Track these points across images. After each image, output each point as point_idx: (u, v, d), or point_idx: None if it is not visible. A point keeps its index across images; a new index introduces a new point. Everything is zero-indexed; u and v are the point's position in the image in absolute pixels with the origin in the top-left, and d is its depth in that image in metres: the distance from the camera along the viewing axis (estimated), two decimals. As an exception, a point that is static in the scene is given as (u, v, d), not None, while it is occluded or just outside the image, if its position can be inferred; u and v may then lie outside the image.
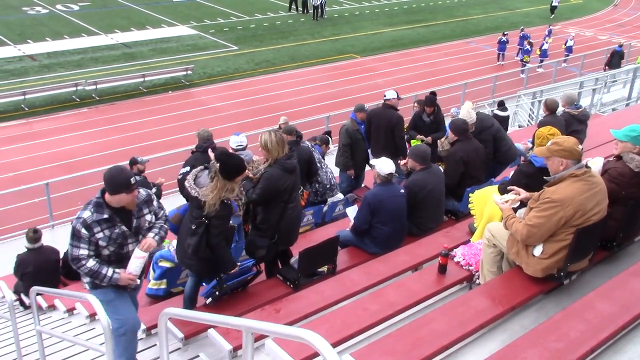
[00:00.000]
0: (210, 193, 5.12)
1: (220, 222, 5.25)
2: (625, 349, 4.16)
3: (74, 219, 4.59)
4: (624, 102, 17.56)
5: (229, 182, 5.16)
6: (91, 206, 4.59)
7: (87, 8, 33.63)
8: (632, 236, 5.49)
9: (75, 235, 4.54)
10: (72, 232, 4.54)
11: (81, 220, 4.52)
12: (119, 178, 4.64)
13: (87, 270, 4.62)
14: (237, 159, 5.41)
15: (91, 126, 18.88)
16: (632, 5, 40.39)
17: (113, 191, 4.59)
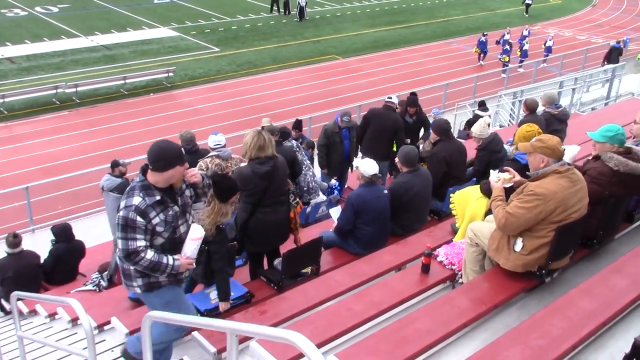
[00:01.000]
0: (207, 218, 4.99)
1: (220, 246, 5.18)
2: (607, 345, 4.21)
3: (120, 211, 4.07)
4: (603, 102, 17.78)
5: (224, 206, 5.05)
6: (137, 190, 4.08)
7: (66, 10, 33.31)
8: (612, 234, 5.56)
9: (128, 227, 4.03)
10: (124, 224, 4.03)
11: (133, 208, 4.01)
12: (171, 150, 4.15)
13: (147, 263, 4.14)
14: (232, 180, 5.32)
15: (72, 129, 18.71)
16: (610, 6, 40.87)
17: (166, 166, 4.08)
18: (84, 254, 8.68)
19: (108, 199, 8.94)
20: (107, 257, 8.80)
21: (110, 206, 8.95)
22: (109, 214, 9.13)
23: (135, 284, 4.37)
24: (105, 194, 8.95)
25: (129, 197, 4.07)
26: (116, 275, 7.62)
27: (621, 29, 33.86)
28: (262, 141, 5.78)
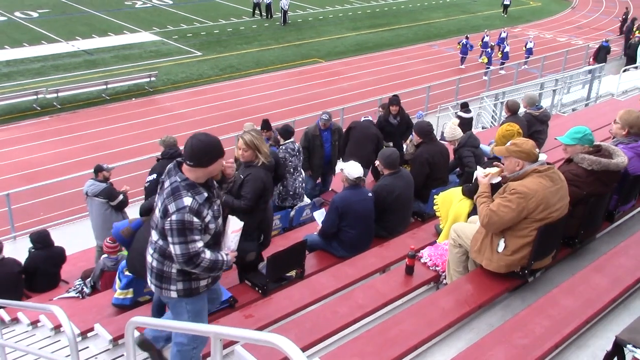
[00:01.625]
0: None
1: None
2: (589, 343, 4.25)
3: (173, 215, 3.83)
4: (583, 103, 17.95)
5: None
6: (184, 191, 3.88)
7: (46, 15, 33.04)
8: (593, 232, 5.62)
9: (186, 229, 3.83)
10: (181, 227, 3.82)
11: (187, 210, 3.81)
12: (215, 143, 3.97)
13: (207, 263, 3.95)
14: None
15: (53, 135, 18.55)
16: (589, 8, 41.36)
17: (211, 161, 3.92)
18: (65, 260, 8.59)
19: (93, 204, 8.84)
20: (90, 264, 8.73)
21: (95, 212, 8.86)
22: (93, 220, 9.03)
23: (173, 287, 4.14)
24: (89, 200, 8.85)
25: (178, 199, 3.85)
26: (100, 282, 7.56)
27: (600, 31, 34.27)
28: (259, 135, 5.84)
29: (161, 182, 4.05)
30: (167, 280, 4.13)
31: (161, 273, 4.13)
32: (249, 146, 5.70)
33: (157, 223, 4.01)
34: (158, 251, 4.08)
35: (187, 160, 3.92)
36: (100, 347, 5.74)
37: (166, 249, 4.00)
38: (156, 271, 4.15)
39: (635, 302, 4.68)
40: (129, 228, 5.94)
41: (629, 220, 6.16)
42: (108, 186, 8.75)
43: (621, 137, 5.55)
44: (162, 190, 3.98)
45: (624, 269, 4.82)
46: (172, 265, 4.07)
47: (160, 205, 3.96)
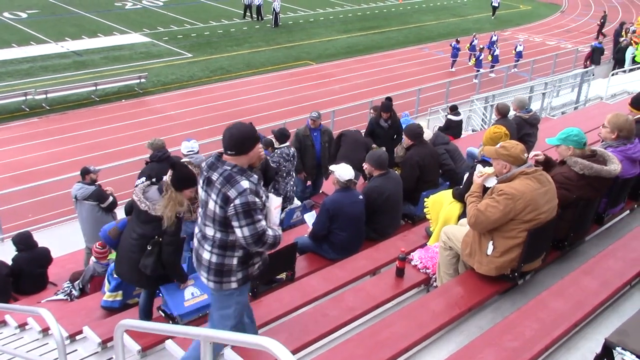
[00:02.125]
0: (165, 207, 5.03)
1: (175, 239, 5.20)
2: (578, 345, 4.27)
3: (236, 199, 3.88)
4: (572, 106, 18.06)
5: (179, 194, 5.08)
6: (239, 176, 3.95)
7: (35, 16, 32.85)
8: (583, 235, 5.64)
9: (251, 210, 3.90)
10: (247, 209, 3.89)
11: (248, 191, 3.90)
12: (251, 130, 4.10)
13: (272, 239, 4.06)
14: (191, 170, 5.37)
15: (42, 136, 18.42)
16: (578, 12, 41.63)
17: (250, 147, 4.03)
18: (50, 261, 8.52)
19: (82, 208, 8.75)
20: (79, 266, 8.68)
21: (85, 215, 8.78)
22: (83, 223, 8.96)
23: (234, 278, 4.19)
24: (78, 204, 8.77)
25: (236, 184, 3.93)
26: (89, 285, 7.51)
27: (590, 34, 34.53)
28: None
29: (205, 178, 4.08)
30: (228, 273, 4.17)
31: (221, 267, 4.16)
32: None
33: (215, 216, 4.03)
34: (218, 245, 4.11)
35: (228, 151, 4.01)
36: (89, 350, 5.71)
37: (227, 239, 4.06)
38: (215, 267, 4.16)
39: (624, 304, 4.71)
40: (116, 228, 5.92)
41: (617, 223, 6.20)
42: (97, 188, 8.69)
43: (610, 140, 5.57)
44: (211, 183, 4.02)
45: (612, 271, 4.84)
46: (233, 255, 4.13)
47: (214, 197, 3.99)
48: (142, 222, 5.23)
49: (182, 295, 5.46)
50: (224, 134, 4.03)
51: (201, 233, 4.20)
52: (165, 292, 5.43)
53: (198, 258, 4.25)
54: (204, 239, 4.17)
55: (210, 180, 4.04)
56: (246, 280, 4.26)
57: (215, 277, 4.17)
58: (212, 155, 4.14)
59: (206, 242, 4.16)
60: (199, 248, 4.22)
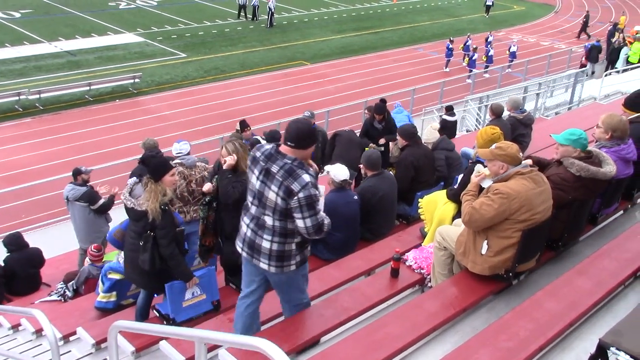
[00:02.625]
0: (147, 200, 5.08)
1: (166, 231, 5.19)
2: (573, 345, 4.28)
3: (300, 192, 4.06)
4: (566, 106, 18.11)
5: (159, 185, 5.13)
6: (300, 169, 4.14)
7: (29, 15, 32.73)
8: (577, 236, 5.65)
9: (314, 202, 4.13)
10: (311, 202, 4.10)
11: (311, 185, 4.10)
12: (314, 131, 4.42)
13: (326, 227, 4.34)
14: (162, 158, 5.44)
15: (35, 136, 18.36)
16: (572, 12, 41.76)
17: (309, 145, 4.25)
18: (42, 261, 8.49)
19: (74, 208, 8.73)
20: (73, 267, 8.66)
21: (78, 216, 8.75)
22: (76, 224, 8.92)
23: (293, 261, 4.44)
24: (70, 204, 8.74)
25: (299, 177, 4.10)
26: (83, 286, 7.49)
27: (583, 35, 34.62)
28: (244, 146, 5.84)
29: (263, 169, 4.23)
30: (288, 257, 4.40)
31: (282, 253, 4.38)
32: (230, 155, 5.69)
33: (276, 206, 4.20)
34: (278, 233, 4.31)
35: (289, 142, 4.19)
36: (83, 351, 5.69)
37: (286, 227, 4.27)
38: (276, 253, 4.36)
39: (619, 304, 4.72)
40: (120, 230, 5.88)
41: (611, 223, 6.22)
42: (88, 189, 8.66)
43: (604, 140, 5.58)
44: (270, 174, 4.18)
45: (607, 271, 4.85)
46: (293, 241, 4.36)
47: (275, 189, 4.16)
48: (134, 220, 5.26)
49: (182, 296, 5.45)
50: (289, 125, 4.24)
51: (256, 222, 4.37)
52: (169, 291, 5.38)
53: (254, 247, 4.41)
54: (262, 228, 4.34)
55: (269, 172, 4.19)
56: (303, 261, 4.54)
57: (277, 262, 4.39)
58: (270, 147, 4.31)
59: (265, 232, 4.34)
60: (255, 237, 4.39)
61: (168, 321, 5.44)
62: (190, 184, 6.78)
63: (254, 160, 4.34)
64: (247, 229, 4.46)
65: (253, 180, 4.32)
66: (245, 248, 4.51)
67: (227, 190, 5.58)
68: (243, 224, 4.53)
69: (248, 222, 4.44)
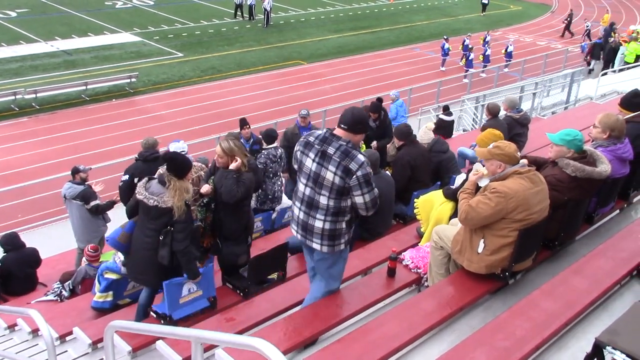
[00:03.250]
0: (173, 198, 5.10)
1: (186, 225, 5.24)
2: (569, 344, 4.29)
3: (358, 171, 4.38)
4: (562, 106, 18.13)
5: (183, 182, 5.18)
6: (354, 151, 4.45)
7: (25, 15, 32.65)
8: (573, 235, 5.66)
9: (370, 179, 4.47)
10: (368, 179, 4.44)
11: (366, 163, 4.44)
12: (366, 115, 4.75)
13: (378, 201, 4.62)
14: (183, 156, 5.51)
15: (31, 136, 18.31)
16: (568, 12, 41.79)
17: (361, 130, 4.57)
18: (39, 261, 8.47)
19: (72, 207, 8.72)
20: (70, 266, 8.64)
21: (75, 214, 8.74)
22: (74, 223, 8.91)
23: (342, 240, 4.71)
24: (68, 203, 8.74)
25: (355, 157, 4.40)
26: (80, 285, 7.47)
27: (579, 35, 34.66)
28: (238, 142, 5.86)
29: (319, 151, 4.49)
30: (338, 236, 4.67)
31: (333, 232, 4.64)
32: (225, 153, 5.68)
33: (333, 185, 4.46)
34: (331, 213, 4.57)
35: (343, 125, 4.49)
36: (80, 351, 5.68)
37: (340, 206, 4.55)
38: (328, 233, 4.62)
39: (615, 303, 4.73)
40: (124, 233, 5.83)
41: (607, 223, 6.23)
42: (85, 188, 8.64)
43: (602, 140, 5.58)
44: (326, 156, 4.45)
45: (603, 270, 4.87)
46: (343, 220, 4.63)
47: (333, 169, 4.42)
48: (153, 219, 5.23)
49: (179, 293, 5.44)
50: (346, 111, 4.56)
51: (309, 204, 4.61)
52: (167, 288, 5.37)
53: (307, 228, 4.67)
54: (315, 208, 4.59)
55: (325, 154, 4.47)
56: (349, 242, 4.82)
57: (329, 241, 4.65)
58: (324, 131, 4.61)
59: (318, 212, 4.59)
60: (308, 219, 4.64)
61: (165, 319, 5.43)
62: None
63: (307, 144, 4.59)
64: (299, 211, 4.70)
65: (308, 163, 4.56)
66: (300, 230, 4.76)
67: (232, 189, 5.58)
68: (295, 208, 4.76)
69: (300, 204, 4.68)
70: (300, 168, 4.67)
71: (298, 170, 4.70)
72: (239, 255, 5.90)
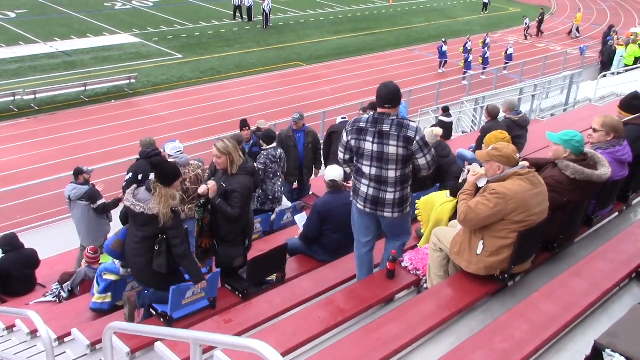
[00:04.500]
0: (159, 204, 5.08)
1: (178, 231, 5.23)
2: (568, 347, 4.28)
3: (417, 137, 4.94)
4: (561, 108, 18.15)
5: (169, 189, 5.14)
6: (406, 121, 5.01)
7: (24, 16, 32.65)
8: (572, 237, 5.66)
9: (427, 141, 5.08)
10: (426, 141, 5.04)
11: (420, 128, 5.08)
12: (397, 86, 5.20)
13: None
14: (172, 164, 5.51)
15: (31, 137, 18.30)
16: (567, 14, 41.85)
17: (398, 103, 5.10)
18: (38, 262, 8.46)
19: (76, 207, 8.67)
20: (69, 267, 8.63)
21: (79, 215, 8.69)
22: (78, 224, 8.85)
23: (408, 203, 5.30)
24: (72, 204, 8.69)
25: (410, 125, 4.95)
26: (79, 287, 7.46)
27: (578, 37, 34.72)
28: (233, 142, 5.84)
29: (375, 132, 4.96)
30: (406, 201, 5.26)
31: (402, 199, 5.21)
32: (222, 153, 5.67)
33: (398, 157, 4.97)
34: (399, 182, 5.10)
35: (386, 104, 4.97)
36: (78, 352, 5.67)
37: (405, 174, 5.09)
38: (398, 200, 5.17)
39: (614, 306, 4.72)
40: (117, 240, 5.83)
41: (607, 225, 6.23)
42: (90, 188, 8.64)
43: (605, 142, 5.57)
44: (384, 134, 4.94)
45: (602, 273, 4.86)
46: (408, 186, 5.21)
47: (394, 142, 4.93)
48: (140, 225, 5.23)
49: (184, 296, 5.45)
50: (380, 89, 5.01)
51: (377, 180, 5.09)
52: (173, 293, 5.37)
53: (379, 201, 5.15)
54: (385, 183, 5.08)
55: (382, 132, 4.94)
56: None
57: (399, 207, 5.20)
58: (369, 115, 5.08)
59: (388, 186, 5.09)
60: (379, 193, 5.13)
61: (165, 317, 5.43)
62: (185, 182, 6.77)
63: (360, 130, 5.02)
64: (367, 188, 5.14)
65: (367, 146, 5.00)
66: (368, 205, 5.19)
67: (227, 212, 5.62)
68: (363, 186, 5.16)
69: (368, 182, 5.12)
70: (359, 153, 5.07)
71: (356, 155, 5.11)
72: (234, 257, 5.90)
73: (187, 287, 5.41)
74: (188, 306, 5.53)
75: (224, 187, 5.66)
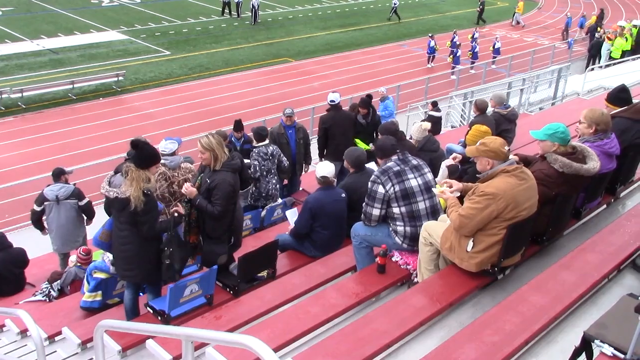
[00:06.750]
0: (130, 187, 5.06)
1: (148, 217, 5.19)
2: (557, 339, 4.31)
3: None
4: (550, 102, 18.23)
5: (143, 172, 5.11)
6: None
7: (10, 13, 32.38)
8: (561, 230, 5.70)
9: None
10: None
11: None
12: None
13: None
14: (153, 148, 5.42)
15: (18, 135, 18.17)
16: (555, 8, 42.03)
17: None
18: (27, 261, 8.40)
19: (62, 209, 8.52)
20: (58, 267, 8.58)
21: (65, 217, 8.53)
22: (63, 226, 8.64)
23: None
24: (58, 205, 8.50)
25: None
26: (69, 286, 7.43)
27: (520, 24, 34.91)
28: (218, 138, 5.79)
29: (412, 168, 5.48)
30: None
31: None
32: (205, 149, 5.62)
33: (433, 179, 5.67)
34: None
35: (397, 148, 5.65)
36: (69, 351, 5.65)
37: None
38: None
39: (603, 297, 4.77)
40: (105, 231, 5.79)
41: (595, 217, 6.27)
42: (76, 189, 8.58)
43: (588, 135, 5.62)
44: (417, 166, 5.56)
45: (591, 265, 4.90)
46: None
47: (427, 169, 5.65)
48: (118, 211, 5.23)
49: (182, 294, 5.43)
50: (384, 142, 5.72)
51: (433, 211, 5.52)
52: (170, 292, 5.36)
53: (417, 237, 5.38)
54: (437, 212, 5.55)
55: (416, 167, 5.53)
56: None
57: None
58: (397, 157, 5.53)
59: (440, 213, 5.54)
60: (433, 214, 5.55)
61: (163, 316, 5.41)
62: (172, 185, 6.58)
63: (397, 174, 5.39)
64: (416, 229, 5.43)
65: (413, 183, 5.41)
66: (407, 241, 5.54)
67: (208, 210, 5.56)
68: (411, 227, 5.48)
69: (426, 219, 5.42)
70: (409, 194, 5.37)
71: (406, 199, 5.37)
72: (218, 254, 5.85)
73: (184, 283, 5.40)
74: (185, 304, 5.52)
75: (207, 183, 5.64)
